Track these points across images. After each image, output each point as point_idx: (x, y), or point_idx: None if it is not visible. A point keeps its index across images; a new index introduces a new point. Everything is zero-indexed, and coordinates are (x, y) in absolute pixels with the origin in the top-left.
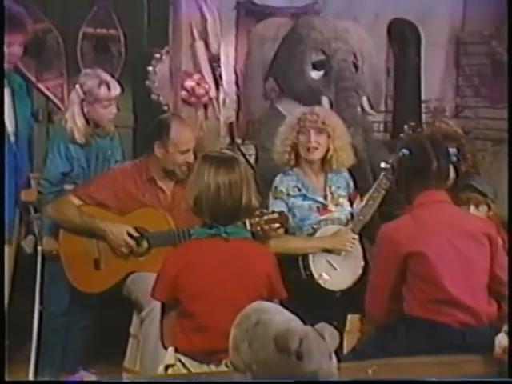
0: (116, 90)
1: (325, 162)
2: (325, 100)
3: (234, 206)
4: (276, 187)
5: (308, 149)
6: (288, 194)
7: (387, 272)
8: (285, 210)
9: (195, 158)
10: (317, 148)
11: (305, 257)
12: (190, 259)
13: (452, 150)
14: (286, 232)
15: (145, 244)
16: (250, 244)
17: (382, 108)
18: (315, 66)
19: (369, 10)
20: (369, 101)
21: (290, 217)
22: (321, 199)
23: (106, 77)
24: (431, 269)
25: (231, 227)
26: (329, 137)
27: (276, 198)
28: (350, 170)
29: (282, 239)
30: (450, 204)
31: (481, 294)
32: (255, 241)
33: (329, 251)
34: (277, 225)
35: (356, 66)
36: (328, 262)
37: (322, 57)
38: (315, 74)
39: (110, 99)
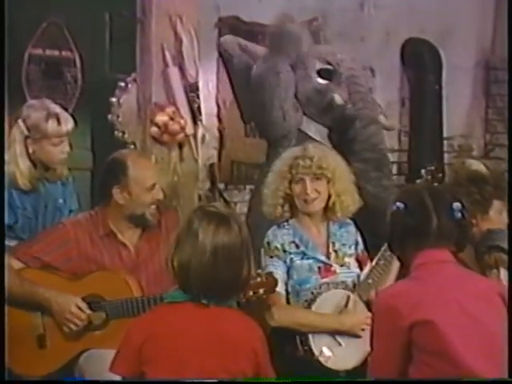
0: (68, 124)
1: (327, 210)
2: (337, 98)
3: (232, 280)
4: (269, 243)
5: (305, 200)
6: (284, 251)
7: (389, 348)
8: (283, 270)
9: (164, 196)
10: (316, 198)
11: None
12: (159, 326)
13: (456, 205)
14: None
15: (102, 315)
16: (233, 313)
17: (396, 146)
18: (320, 75)
19: (378, 29)
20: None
21: (286, 279)
22: (323, 258)
23: (55, 108)
24: (441, 339)
25: None
26: (328, 181)
27: (271, 257)
28: (357, 224)
29: (279, 310)
30: (455, 264)
31: (504, 366)
32: (240, 310)
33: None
34: (262, 290)
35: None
36: (331, 335)
37: (328, 66)
38: (321, 81)
39: (60, 135)
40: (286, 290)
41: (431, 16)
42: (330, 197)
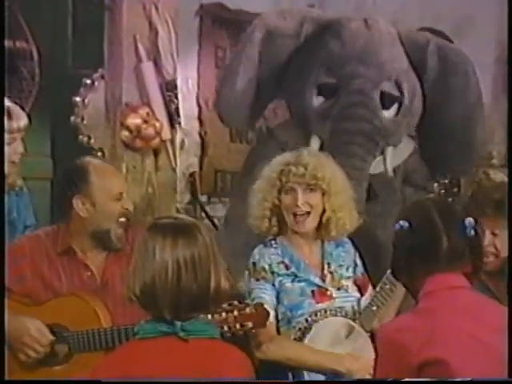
0: (20, 120)
1: (320, 227)
2: (314, 141)
3: (201, 293)
4: (255, 264)
5: (295, 215)
6: (273, 272)
7: None
8: (271, 294)
9: (134, 207)
10: (308, 213)
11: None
12: (130, 368)
13: (468, 221)
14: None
15: (64, 348)
16: (217, 346)
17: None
18: (321, 91)
19: (384, 18)
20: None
21: (275, 304)
22: (317, 280)
23: (6, 102)
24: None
25: (191, 322)
26: (323, 194)
27: (258, 280)
28: (354, 243)
29: (268, 340)
30: (469, 290)
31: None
32: (226, 342)
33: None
34: (251, 324)
35: (389, 100)
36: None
37: (332, 80)
38: (318, 101)
39: (11, 131)
40: (276, 317)
41: (446, 2)
42: (324, 212)
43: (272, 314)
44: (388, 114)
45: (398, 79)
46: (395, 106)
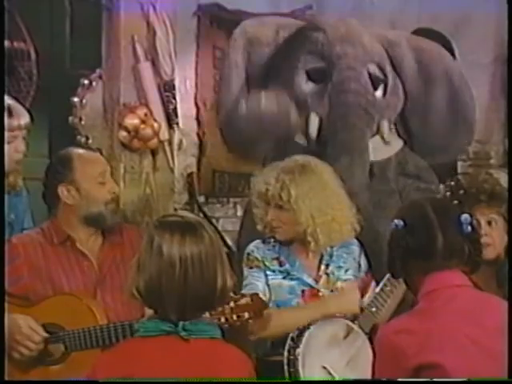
0: (21, 117)
1: (307, 238)
2: (313, 117)
3: (207, 292)
4: (249, 254)
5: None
6: (264, 264)
7: None
8: (264, 281)
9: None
10: (279, 227)
11: (291, 361)
12: (130, 366)
13: (464, 217)
14: None
15: (60, 347)
16: (218, 347)
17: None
18: (311, 76)
19: (382, 18)
20: (395, 128)
21: (267, 292)
22: (310, 280)
23: (7, 99)
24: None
25: (193, 322)
26: (293, 211)
27: (251, 268)
28: (361, 243)
29: (263, 318)
30: (471, 288)
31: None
32: (226, 342)
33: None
34: (247, 314)
35: (376, 81)
36: (325, 368)
37: (320, 63)
38: (308, 86)
39: (12, 129)
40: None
41: (444, 2)
42: (302, 224)
43: (265, 299)
44: (377, 94)
45: (380, 62)
46: (381, 88)
